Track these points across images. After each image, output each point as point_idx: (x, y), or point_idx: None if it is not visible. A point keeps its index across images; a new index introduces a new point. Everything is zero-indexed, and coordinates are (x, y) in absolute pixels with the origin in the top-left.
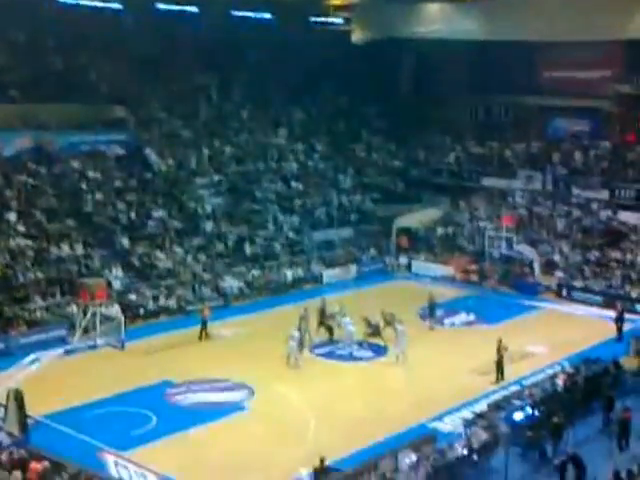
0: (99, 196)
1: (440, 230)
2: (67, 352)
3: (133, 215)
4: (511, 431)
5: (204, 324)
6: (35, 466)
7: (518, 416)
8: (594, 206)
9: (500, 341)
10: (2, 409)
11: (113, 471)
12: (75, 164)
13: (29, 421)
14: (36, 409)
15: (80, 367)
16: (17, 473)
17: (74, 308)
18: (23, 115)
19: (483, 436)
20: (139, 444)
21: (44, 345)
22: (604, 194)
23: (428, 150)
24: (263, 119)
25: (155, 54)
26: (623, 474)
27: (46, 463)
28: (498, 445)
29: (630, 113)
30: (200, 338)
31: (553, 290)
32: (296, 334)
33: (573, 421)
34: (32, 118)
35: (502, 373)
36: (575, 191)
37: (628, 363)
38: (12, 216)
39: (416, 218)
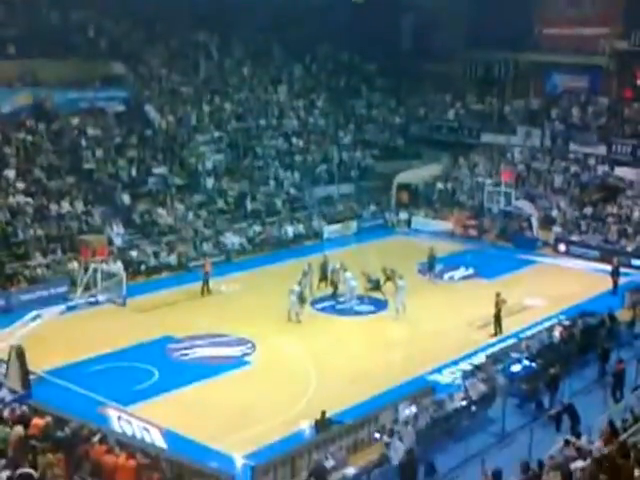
0: (99, 153)
1: (440, 186)
2: (69, 308)
3: (134, 172)
4: (508, 383)
5: (206, 279)
6: (37, 422)
7: (515, 368)
8: (591, 162)
9: (498, 295)
10: (4, 365)
11: (116, 426)
12: (74, 121)
13: (31, 377)
14: (38, 365)
15: (82, 323)
16: (19, 428)
17: (75, 265)
18: (21, 72)
19: (481, 388)
20: (141, 399)
21: (45, 302)
22: (601, 150)
23: (428, 107)
24: (263, 76)
25: (154, 9)
26: (618, 424)
27: (48, 418)
28: (496, 397)
29: (627, 69)
30: (202, 293)
31: (550, 245)
32: (297, 289)
33: (569, 372)
34: (30, 75)
35: (500, 326)
36: (573, 147)
37: (623, 316)
38: (11, 174)
39: (416, 174)
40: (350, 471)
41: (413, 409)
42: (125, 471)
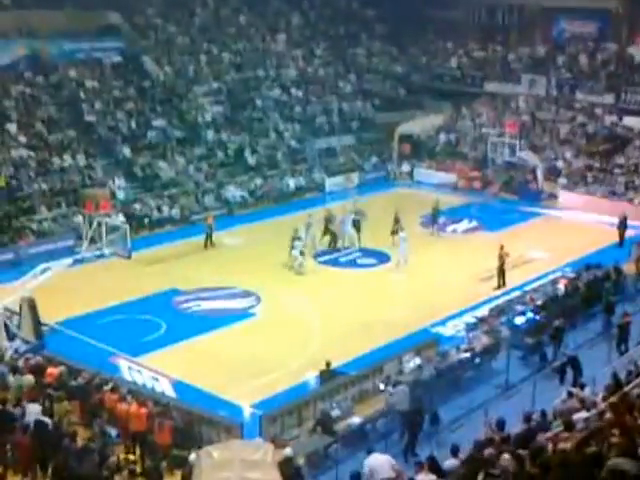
0: (98, 105)
1: (442, 137)
2: (76, 261)
3: (133, 124)
4: (512, 335)
5: (209, 233)
6: (52, 371)
7: (519, 320)
8: (598, 111)
9: (502, 248)
10: (17, 317)
11: (127, 375)
12: (72, 73)
13: (43, 328)
14: (49, 317)
15: (89, 276)
16: (29, 377)
17: (80, 218)
18: (16, 23)
19: (485, 340)
20: (150, 350)
21: (53, 255)
22: (609, 99)
23: (430, 55)
24: (261, 25)
25: None
26: (622, 376)
27: (62, 368)
28: (499, 349)
29: (638, 13)
30: (205, 247)
31: (556, 197)
32: (300, 242)
33: (573, 325)
34: (24, 25)
35: (504, 279)
36: (579, 96)
37: (629, 269)
38: (13, 127)
39: (418, 125)
40: (355, 420)
41: (417, 360)
42: (138, 418)
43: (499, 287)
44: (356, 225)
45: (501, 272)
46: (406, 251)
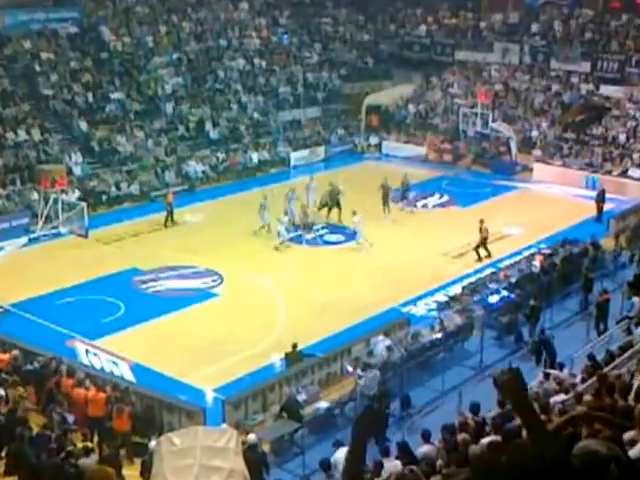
0: (54, 78)
1: (412, 108)
2: (31, 240)
3: (90, 97)
4: (486, 314)
5: (169, 210)
6: (3, 356)
7: (493, 299)
8: (574, 80)
9: (482, 222)
10: None
11: (84, 359)
12: (27, 44)
13: None
14: (2, 298)
15: (45, 255)
16: None
17: (35, 195)
18: None
19: (457, 320)
20: (108, 332)
21: (7, 234)
22: (585, 67)
23: (398, 23)
24: None
25: None
26: (600, 357)
27: (16, 351)
28: (473, 329)
29: None
30: (166, 225)
31: (530, 169)
32: (285, 217)
33: (550, 304)
34: None
35: (488, 251)
36: (554, 64)
37: (607, 244)
38: None
39: (386, 95)
40: (323, 405)
41: (387, 342)
42: (96, 403)
43: (483, 258)
44: (335, 202)
45: (482, 247)
46: (362, 234)
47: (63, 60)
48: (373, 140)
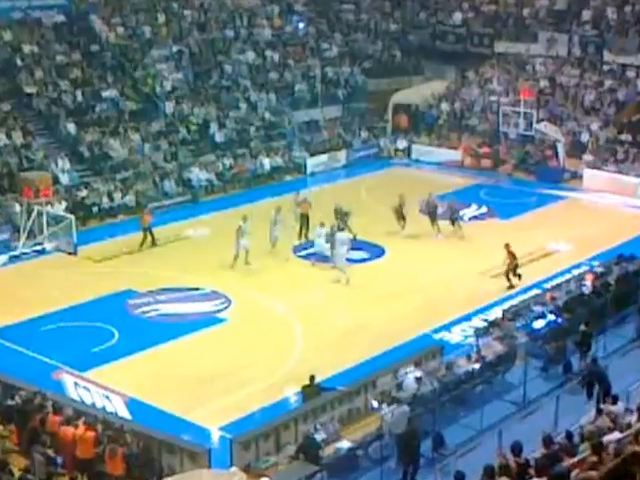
0: (38, 74)
1: (445, 107)
2: (12, 259)
3: (79, 96)
4: (530, 342)
5: (148, 229)
6: None
7: (538, 324)
8: (630, 74)
9: (507, 246)
10: None
11: (73, 393)
12: (7, 36)
13: None
14: None
15: (28, 276)
16: None
17: (17, 207)
18: None
19: (498, 348)
20: (100, 363)
21: None
22: None
23: (429, 10)
24: None
25: None
26: None
27: None
28: (515, 358)
29: None
30: (141, 245)
31: (580, 176)
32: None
33: (603, 329)
34: None
35: (518, 275)
36: (608, 56)
37: None
38: None
39: (416, 93)
40: (344, 445)
41: (417, 373)
42: (85, 444)
43: (512, 287)
44: (345, 224)
45: (513, 272)
46: (342, 260)
47: (48, 53)
48: (401, 144)
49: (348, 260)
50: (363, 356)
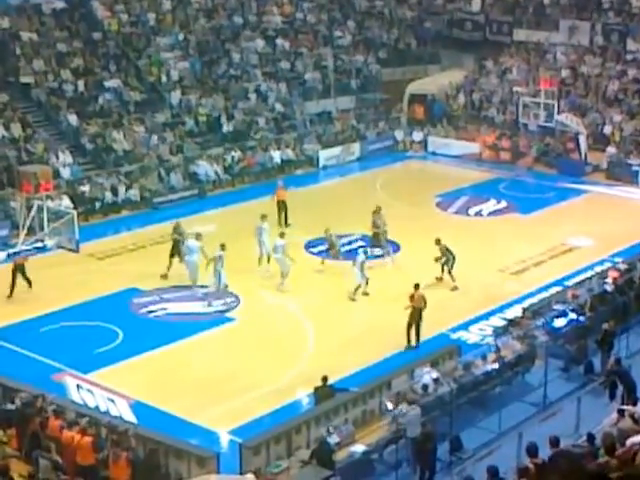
0: (38, 63)
1: (463, 97)
2: (10, 256)
3: (81, 86)
4: (551, 341)
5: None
6: None
7: (559, 323)
8: None
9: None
10: None
11: (75, 396)
12: (4, 23)
13: None
14: None
15: (28, 273)
16: None
17: (16, 203)
18: None
19: (517, 347)
20: (104, 364)
21: None
22: None
23: None
24: None
25: None
26: None
27: None
28: (535, 358)
29: None
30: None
31: (603, 170)
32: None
33: (627, 328)
34: None
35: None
36: (631, 45)
37: None
38: None
39: (433, 83)
40: (358, 448)
41: (434, 374)
42: (81, 449)
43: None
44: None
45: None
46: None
47: (48, 41)
48: (417, 136)
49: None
50: (377, 357)
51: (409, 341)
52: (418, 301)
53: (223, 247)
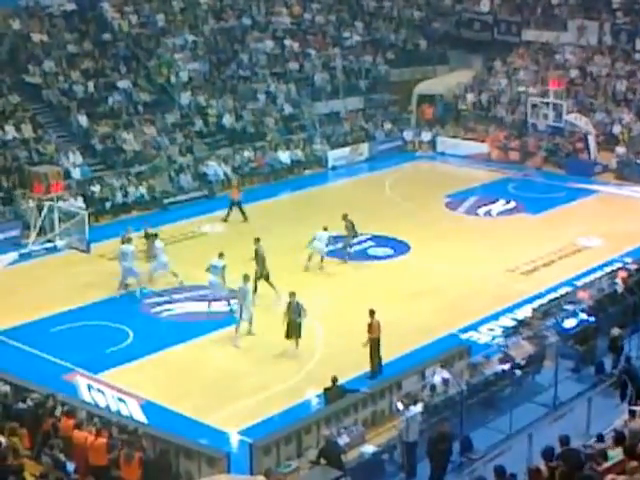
0: (48, 64)
1: (471, 97)
2: (22, 256)
3: (91, 87)
4: (561, 342)
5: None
6: None
7: (569, 323)
8: None
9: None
10: None
11: (86, 396)
12: (15, 24)
13: None
14: None
15: (39, 274)
16: None
17: (27, 203)
18: None
19: (527, 348)
20: (114, 364)
21: None
22: None
23: None
24: None
25: None
26: None
27: (5, 387)
28: (545, 359)
29: None
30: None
31: (612, 170)
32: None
33: (637, 328)
34: None
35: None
36: None
37: None
38: None
39: (441, 83)
40: (368, 449)
41: (444, 374)
42: (99, 449)
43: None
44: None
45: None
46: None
47: (58, 43)
48: (426, 136)
49: (370, 256)
50: (387, 357)
51: (373, 369)
52: (376, 330)
53: (246, 278)
